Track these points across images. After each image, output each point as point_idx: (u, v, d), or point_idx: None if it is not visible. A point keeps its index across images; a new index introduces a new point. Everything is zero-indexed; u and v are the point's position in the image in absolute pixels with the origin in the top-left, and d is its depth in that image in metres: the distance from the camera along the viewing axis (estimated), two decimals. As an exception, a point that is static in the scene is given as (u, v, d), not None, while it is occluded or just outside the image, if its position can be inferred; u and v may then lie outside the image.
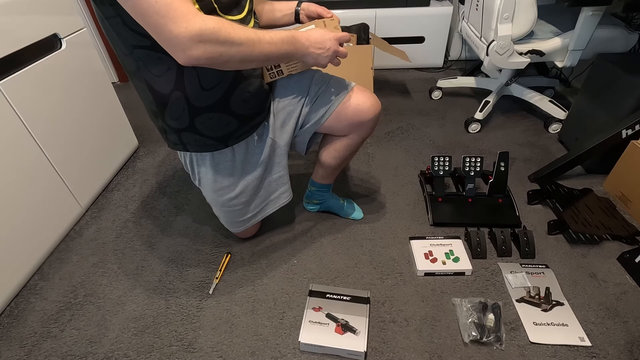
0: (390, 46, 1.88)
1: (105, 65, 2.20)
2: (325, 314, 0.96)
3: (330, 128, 1.02)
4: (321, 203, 1.27)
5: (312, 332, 0.92)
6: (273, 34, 0.74)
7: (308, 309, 0.98)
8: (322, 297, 1.01)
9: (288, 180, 1.09)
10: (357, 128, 1.01)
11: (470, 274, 1.07)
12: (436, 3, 2.13)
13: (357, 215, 1.27)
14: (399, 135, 1.72)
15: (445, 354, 0.89)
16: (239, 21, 0.81)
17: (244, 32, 0.69)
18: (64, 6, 1.25)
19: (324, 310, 0.97)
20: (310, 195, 1.26)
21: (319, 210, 1.30)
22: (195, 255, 1.18)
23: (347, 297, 1.00)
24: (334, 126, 1.01)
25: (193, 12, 0.63)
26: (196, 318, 1.00)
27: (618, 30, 1.41)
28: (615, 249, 1.12)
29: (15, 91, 1.06)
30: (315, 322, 0.94)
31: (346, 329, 0.92)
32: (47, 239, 1.19)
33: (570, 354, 0.88)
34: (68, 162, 1.26)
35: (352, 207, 1.28)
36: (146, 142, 1.73)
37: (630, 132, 1.21)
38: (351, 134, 1.03)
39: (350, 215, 1.27)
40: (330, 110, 0.98)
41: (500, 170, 1.24)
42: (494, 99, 1.72)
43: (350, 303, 0.99)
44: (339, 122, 1.00)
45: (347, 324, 0.93)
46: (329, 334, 0.91)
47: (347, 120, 1.00)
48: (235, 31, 0.68)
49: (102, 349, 0.94)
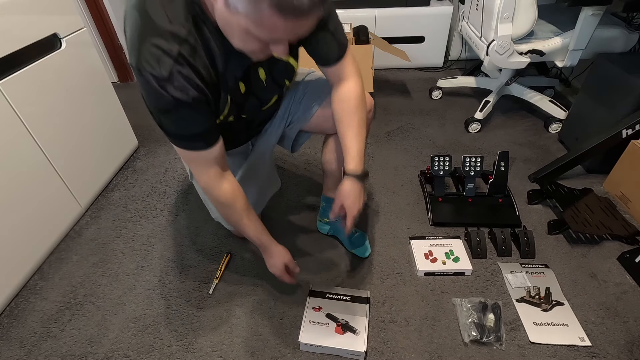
0: (390, 46, 1.88)
1: (105, 65, 2.20)
2: (325, 314, 0.96)
3: (319, 126, 1.00)
4: (331, 224, 1.19)
5: (312, 332, 0.92)
6: (253, 228, 0.89)
7: (308, 309, 0.98)
8: (322, 297, 1.01)
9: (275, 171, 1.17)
10: None
11: (470, 274, 1.07)
12: (436, 3, 2.13)
13: (361, 252, 1.14)
14: (399, 135, 1.72)
15: (445, 354, 0.89)
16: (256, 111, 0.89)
17: (232, 216, 0.86)
18: (63, 6, 1.25)
19: (323, 310, 0.97)
20: (322, 213, 1.21)
21: (329, 233, 1.21)
22: (195, 255, 1.18)
23: (347, 297, 1.00)
24: (322, 124, 0.99)
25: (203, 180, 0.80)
26: (196, 318, 1.00)
27: (618, 30, 1.41)
28: (615, 249, 1.12)
29: (15, 91, 1.06)
30: (315, 322, 0.94)
31: (346, 329, 0.92)
32: (47, 238, 1.19)
33: (570, 354, 0.88)
34: (68, 162, 1.26)
35: (360, 241, 1.15)
36: (146, 142, 1.73)
37: (630, 132, 1.21)
38: None
39: (354, 249, 1.15)
40: (315, 107, 0.97)
41: (500, 170, 1.24)
42: (494, 98, 1.72)
43: (350, 303, 0.99)
44: (327, 119, 0.96)
45: (347, 324, 0.93)
46: (329, 334, 0.91)
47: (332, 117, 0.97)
48: (225, 211, 0.86)
49: (102, 349, 0.94)
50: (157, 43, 0.61)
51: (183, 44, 0.63)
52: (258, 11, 0.52)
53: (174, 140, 0.73)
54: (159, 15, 0.61)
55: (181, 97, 0.64)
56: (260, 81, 0.81)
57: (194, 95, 0.66)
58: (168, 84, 0.63)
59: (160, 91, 0.63)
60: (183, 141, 0.73)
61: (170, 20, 0.62)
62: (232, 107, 0.80)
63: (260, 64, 0.78)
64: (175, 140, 0.73)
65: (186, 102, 0.65)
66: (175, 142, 0.74)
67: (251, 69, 0.78)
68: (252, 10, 0.52)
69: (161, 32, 0.61)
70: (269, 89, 0.85)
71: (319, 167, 1.52)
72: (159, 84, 0.63)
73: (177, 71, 0.63)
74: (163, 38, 0.61)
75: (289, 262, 0.94)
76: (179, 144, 0.74)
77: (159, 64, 0.62)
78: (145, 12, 0.62)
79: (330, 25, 0.78)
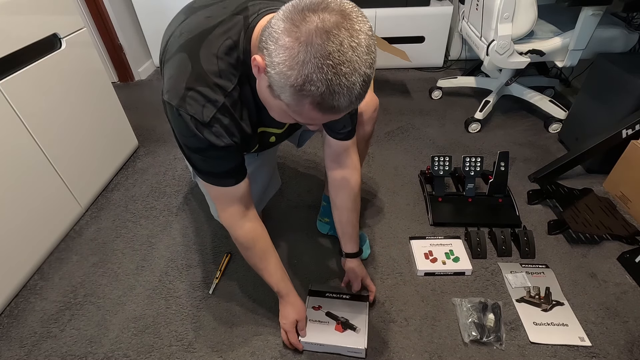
0: (390, 46, 1.88)
1: (105, 65, 2.20)
2: (325, 312, 0.96)
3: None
4: (331, 223, 1.19)
5: (312, 331, 0.92)
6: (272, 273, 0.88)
7: (308, 307, 0.97)
8: (321, 296, 1.01)
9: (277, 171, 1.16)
10: None
11: (470, 273, 1.07)
12: (436, 3, 2.13)
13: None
14: (399, 135, 1.72)
15: (445, 354, 0.89)
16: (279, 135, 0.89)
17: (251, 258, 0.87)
18: (63, 6, 1.25)
19: (323, 309, 0.97)
20: (323, 212, 1.22)
21: (329, 232, 1.21)
22: (195, 255, 1.18)
23: (346, 296, 1.00)
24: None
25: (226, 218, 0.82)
26: (196, 318, 1.00)
27: (618, 30, 1.41)
28: (615, 249, 1.12)
29: (15, 91, 1.06)
30: (315, 320, 0.94)
31: (346, 327, 0.92)
32: (47, 238, 1.19)
33: (570, 354, 0.88)
34: (68, 162, 1.25)
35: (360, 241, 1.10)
36: (146, 142, 1.73)
37: (630, 132, 1.21)
38: None
39: None
40: None
41: (500, 170, 1.24)
42: (494, 98, 1.72)
43: (350, 301, 0.99)
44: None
45: (347, 322, 0.93)
46: (329, 332, 0.91)
47: None
48: (245, 252, 0.86)
49: (102, 349, 0.94)
50: (204, 92, 0.63)
51: (228, 96, 0.65)
52: (299, 105, 0.53)
53: (202, 176, 0.76)
54: (211, 65, 0.63)
55: (216, 142, 0.67)
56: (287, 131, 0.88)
57: (228, 142, 0.68)
58: (206, 129, 0.65)
59: (197, 133, 0.65)
60: (211, 177, 0.75)
61: (220, 73, 0.63)
62: (259, 148, 0.85)
63: None
64: (203, 176, 0.76)
65: (219, 146, 0.67)
66: (204, 178, 0.76)
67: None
68: (294, 104, 0.54)
69: (210, 84, 0.63)
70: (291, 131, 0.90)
71: (319, 167, 1.52)
72: (197, 127, 0.64)
73: (218, 119, 0.65)
74: (210, 89, 0.63)
75: (301, 319, 0.90)
76: (207, 180, 0.76)
77: (202, 109, 0.63)
78: (197, 57, 0.63)
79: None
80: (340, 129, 0.84)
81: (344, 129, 0.84)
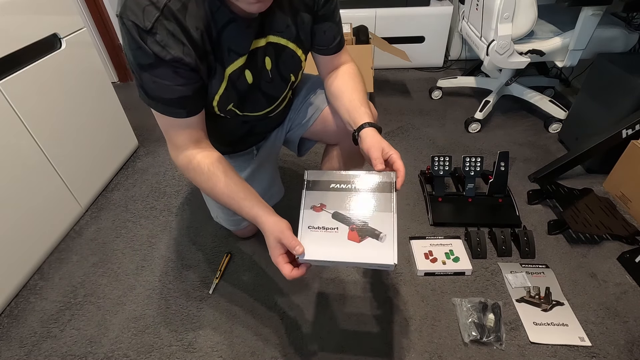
0: (390, 46, 1.88)
1: (105, 65, 2.20)
2: (332, 214, 0.66)
3: (318, 134, 0.99)
4: None
5: (314, 243, 0.63)
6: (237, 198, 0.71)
7: (306, 208, 0.68)
8: (324, 189, 0.69)
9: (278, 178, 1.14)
10: (346, 136, 0.88)
11: (470, 273, 1.07)
12: (436, 3, 2.13)
13: None
14: (399, 135, 1.72)
15: (445, 354, 0.89)
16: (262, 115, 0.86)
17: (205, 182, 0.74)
18: (63, 6, 1.25)
19: (328, 208, 0.67)
20: None
21: None
22: (195, 255, 1.18)
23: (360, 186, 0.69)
24: (320, 132, 0.97)
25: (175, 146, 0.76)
26: (196, 318, 1.00)
27: (618, 30, 1.41)
28: (615, 249, 1.12)
29: (15, 91, 1.06)
30: (318, 227, 0.65)
31: (364, 233, 0.64)
32: (47, 238, 1.19)
33: (570, 354, 0.88)
34: (68, 162, 1.25)
35: None
36: (146, 142, 1.73)
37: (630, 132, 1.21)
38: (342, 142, 0.98)
39: None
40: (315, 115, 0.95)
41: (500, 170, 1.24)
42: (494, 98, 1.72)
43: (366, 193, 0.67)
44: (325, 127, 0.95)
45: (365, 226, 0.64)
46: (341, 242, 0.63)
47: (333, 126, 0.93)
48: (196, 178, 0.75)
49: (102, 349, 0.94)
50: None
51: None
52: None
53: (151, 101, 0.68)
54: None
55: (161, 53, 0.60)
56: (266, 70, 0.78)
57: (177, 55, 0.61)
58: (149, 37, 0.59)
59: (140, 43, 0.59)
60: (160, 104, 0.68)
61: None
62: (231, 93, 0.75)
63: (266, 52, 0.75)
64: (152, 101, 0.68)
65: (166, 60, 0.61)
66: (153, 105, 0.68)
67: (258, 54, 0.74)
68: None
69: None
70: (275, 83, 0.83)
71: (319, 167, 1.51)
72: (140, 35, 0.58)
73: (162, 25, 0.59)
74: None
75: (282, 233, 0.65)
76: (156, 107, 0.69)
77: (143, 13, 0.57)
78: None
79: (336, 17, 0.82)
80: (331, 43, 0.84)
81: (334, 40, 0.84)
